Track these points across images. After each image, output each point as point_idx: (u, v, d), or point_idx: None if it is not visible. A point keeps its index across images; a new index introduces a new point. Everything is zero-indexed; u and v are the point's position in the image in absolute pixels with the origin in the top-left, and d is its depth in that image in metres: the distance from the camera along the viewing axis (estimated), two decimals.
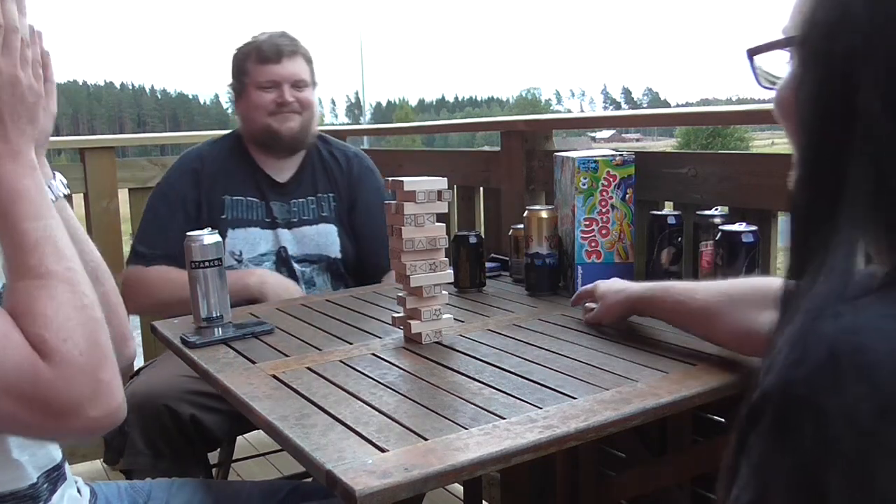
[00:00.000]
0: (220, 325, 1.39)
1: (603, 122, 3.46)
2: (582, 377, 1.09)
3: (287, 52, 1.88)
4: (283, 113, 1.88)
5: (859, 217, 0.44)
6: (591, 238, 1.56)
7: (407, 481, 0.80)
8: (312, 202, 1.96)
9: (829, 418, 0.38)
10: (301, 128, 1.91)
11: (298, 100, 1.90)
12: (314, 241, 1.93)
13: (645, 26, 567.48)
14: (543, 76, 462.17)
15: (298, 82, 1.90)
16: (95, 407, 0.78)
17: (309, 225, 1.94)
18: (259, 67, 1.88)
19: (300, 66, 1.91)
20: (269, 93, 1.88)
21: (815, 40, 0.46)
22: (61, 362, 0.76)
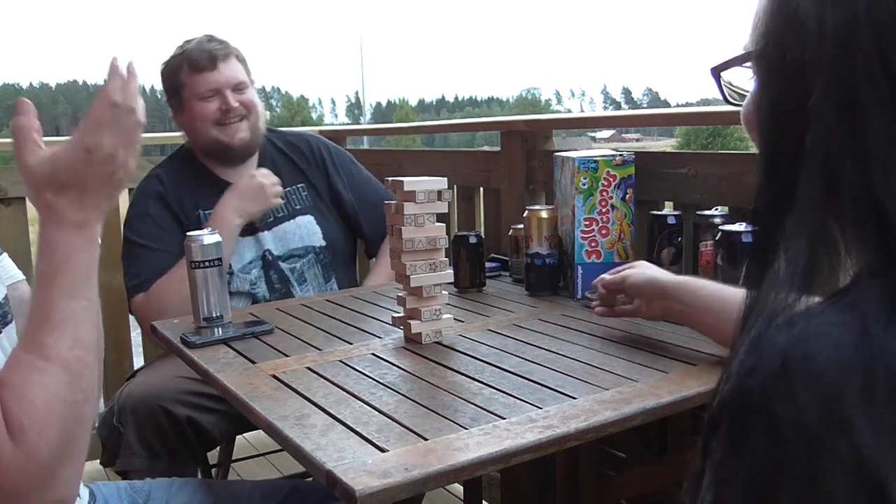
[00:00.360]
0: (220, 325, 1.39)
1: (603, 122, 3.46)
2: (582, 377, 1.09)
3: (221, 56, 1.81)
4: (230, 123, 1.82)
5: (812, 223, 0.45)
6: (591, 238, 1.56)
7: (407, 481, 0.80)
8: (283, 197, 1.91)
9: (780, 425, 0.39)
10: (251, 133, 1.86)
11: (242, 103, 1.83)
12: (296, 234, 1.90)
13: (645, 26, 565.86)
14: (543, 76, 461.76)
15: (238, 85, 1.83)
16: (43, 497, 0.78)
17: (285, 221, 1.91)
18: (195, 77, 1.80)
19: (236, 67, 1.84)
20: (211, 102, 1.80)
21: (770, 52, 0.48)
22: (26, 452, 0.76)
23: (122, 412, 1.57)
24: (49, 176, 0.82)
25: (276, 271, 1.88)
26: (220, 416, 1.61)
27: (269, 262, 1.88)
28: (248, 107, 1.84)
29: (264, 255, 1.88)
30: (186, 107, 1.83)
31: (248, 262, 1.86)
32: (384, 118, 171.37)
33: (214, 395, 1.58)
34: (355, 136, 3.17)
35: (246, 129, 1.84)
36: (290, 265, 1.89)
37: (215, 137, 1.82)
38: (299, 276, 1.90)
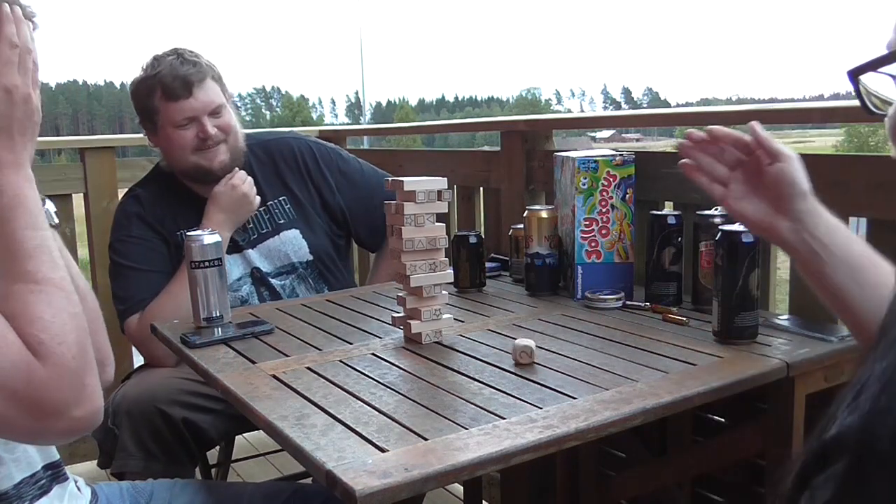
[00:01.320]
0: (220, 325, 1.39)
1: (603, 122, 3.46)
2: (582, 377, 1.09)
3: (196, 82, 1.72)
4: (208, 149, 1.76)
5: None
6: (591, 238, 1.56)
7: (407, 481, 0.80)
8: (265, 213, 1.87)
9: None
10: (231, 154, 1.80)
11: (220, 128, 1.76)
12: (281, 251, 1.86)
13: (645, 26, 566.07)
14: (543, 76, 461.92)
15: (215, 110, 1.75)
16: (80, 408, 0.81)
17: (270, 237, 1.86)
18: (171, 105, 1.72)
19: (212, 91, 1.76)
20: (188, 130, 1.74)
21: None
22: (55, 364, 0.79)
23: (116, 414, 1.55)
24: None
25: (266, 287, 1.85)
26: (217, 416, 1.61)
27: (259, 278, 1.85)
28: (225, 130, 1.78)
29: (253, 273, 1.84)
30: (162, 133, 1.77)
31: (237, 278, 1.83)
32: (384, 118, 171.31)
33: (211, 396, 1.57)
34: (355, 136, 3.17)
35: (225, 152, 1.78)
36: (279, 282, 1.86)
37: (195, 163, 1.77)
38: (290, 292, 1.87)
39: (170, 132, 1.75)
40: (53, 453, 0.99)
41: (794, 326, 1.31)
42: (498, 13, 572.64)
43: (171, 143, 1.77)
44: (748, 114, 2.06)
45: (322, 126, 8.21)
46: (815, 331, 1.27)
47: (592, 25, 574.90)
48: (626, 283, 1.56)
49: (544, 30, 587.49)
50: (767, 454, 1.27)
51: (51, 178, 2.45)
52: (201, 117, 1.74)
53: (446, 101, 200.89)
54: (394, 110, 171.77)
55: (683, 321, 1.36)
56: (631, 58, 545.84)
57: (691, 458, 1.61)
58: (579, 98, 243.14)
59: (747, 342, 1.23)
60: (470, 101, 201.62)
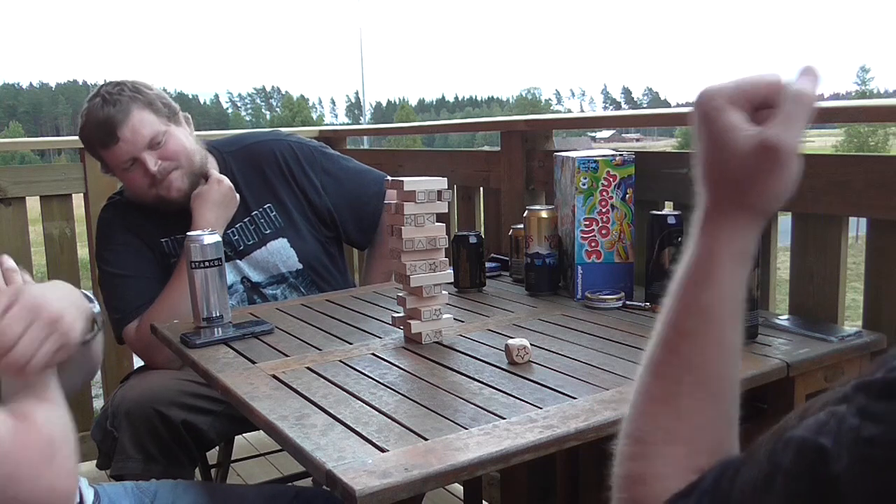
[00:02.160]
0: (220, 325, 1.39)
1: (603, 122, 3.45)
2: (582, 377, 1.09)
3: (119, 122, 1.63)
4: (161, 181, 1.69)
5: None
6: (591, 238, 1.56)
7: (407, 481, 0.80)
8: (251, 223, 1.82)
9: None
10: (189, 178, 1.72)
11: (165, 157, 1.68)
12: (269, 262, 1.82)
13: (645, 26, 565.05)
14: (543, 76, 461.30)
15: (152, 142, 1.66)
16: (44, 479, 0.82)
17: (256, 249, 1.82)
18: (108, 153, 1.67)
19: (143, 122, 1.65)
20: (133, 171, 1.68)
21: None
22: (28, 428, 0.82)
23: (115, 416, 1.55)
24: None
25: (259, 296, 1.83)
26: (216, 417, 1.60)
27: (252, 286, 1.83)
28: (173, 157, 1.69)
29: (244, 281, 1.82)
30: (117, 175, 1.74)
31: (229, 285, 1.77)
32: (384, 118, 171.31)
33: (210, 397, 1.57)
34: (355, 136, 3.17)
35: (180, 178, 1.71)
36: (271, 291, 1.84)
37: (155, 195, 1.71)
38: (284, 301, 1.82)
39: (120, 175, 1.72)
40: None
41: (794, 326, 1.31)
42: (498, 13, 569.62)
43: (128, 185, 1.75)
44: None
45: (322, 126, 8.20)
46: (815, 331, 1.27)
47: (592, 25, 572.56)
48: (626, 283, 1.57)
49: (544, 30, 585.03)
50: None
51: (51, 178, 2.45)
52: (139, 154, 1.65)
53: (446, 101, 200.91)
54: (394, 110, 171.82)
55: None
56: (631, 58, 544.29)
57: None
58: (579, 98, 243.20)
59: (748, 342, 1.23)
60: (470, 101, 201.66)
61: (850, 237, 1.43)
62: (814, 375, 1.19)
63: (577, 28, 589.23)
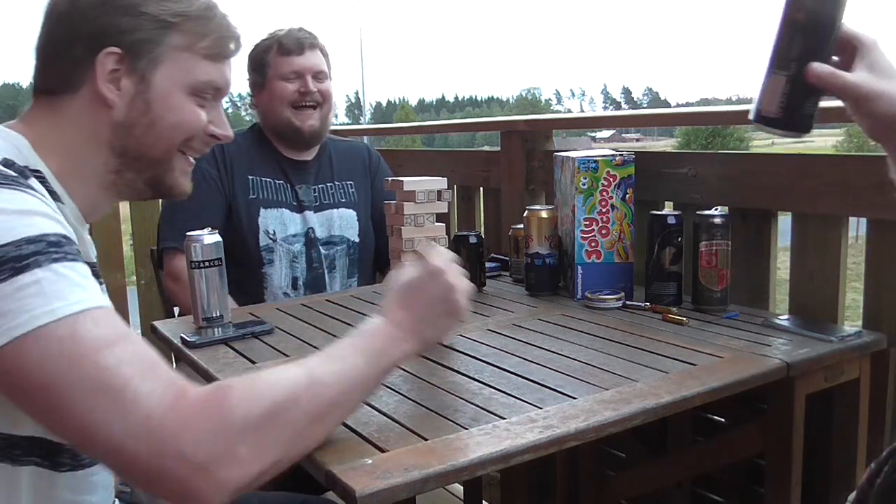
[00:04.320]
0: (220, 324, 1.39)
1: (603, 122, 3.46)
2: (582, 377, 1.09)
3: (308, 45, 1.93)
4: (304, 107, 1.92)
5: None
6: (591, 238, 1.56)
7: (407, 481, 0.80)
8: (332, 188, 2.01)
9: None
10: (321, 123, 1.96)
11: (320, 91, 1.94)
12: (337, 223, 1.99)
13: (645, 26, 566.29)
14: (543, 76, 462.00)
15: (319, 74, 1.94)
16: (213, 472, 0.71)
17: (332, 208, 2.00)
18: (282, 59, 1.92)
19: (320, 58, 1.96)
20: (292, 83, 1.92)
21: None
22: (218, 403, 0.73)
23: None
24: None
25: (316, 251, 1.96)
26: None
27: (311, 239, 1.95)
28: (324, 96, 1.95)
29: (308, 233, 1.95)
30: (267, 86, 1.94)
31: (293, 234, 1.94)
32: (384, 118, 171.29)
33: None
34: (355, 136, 3.17)
35: (317, 118, 1.94)
36: (326, 250, 1.97)
37: (288, 118, 1.92)
38: (330, 263, 1.97)
39: (275, 84, 1.93)
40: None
41: (794, 326, 1.31)
42: (498, 13, 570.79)
43: (273, 95, 1.93)
44: (748, 114, 2.06)
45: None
46: (815, 331, 1.27)
47: (592, 25, 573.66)
48: (626, 283, 1.57)
49: (544, 30, 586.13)
50: (767, 454, 1.27)
51: None
52: (306, 75, 1.92)
53: (446, 101, 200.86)
54: (394, 110, 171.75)
55: (683, 321, 1.36)
56: (631, 58, 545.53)
57: (691, 458, 1.61)
58: (579, 98, 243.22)
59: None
60: (470, 101, 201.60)
61: (850, 237, 1.43)
62: (814, 375, 1.19)
63: (577, 28, 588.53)
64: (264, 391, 0.76)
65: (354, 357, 0.84)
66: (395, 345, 0.88)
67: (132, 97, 0.92)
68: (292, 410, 0.76)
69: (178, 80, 0.94)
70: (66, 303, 0.71)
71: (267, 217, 1.91)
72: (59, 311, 0.71)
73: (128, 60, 0.91)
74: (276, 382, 0.78)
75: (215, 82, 0.97)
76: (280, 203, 1.94)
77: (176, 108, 0.95)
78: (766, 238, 1.52)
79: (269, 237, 1.91)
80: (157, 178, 0.98)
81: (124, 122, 0.93)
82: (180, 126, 0.95)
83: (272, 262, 1.90)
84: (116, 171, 0.95)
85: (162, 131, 0.94)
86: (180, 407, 0.71)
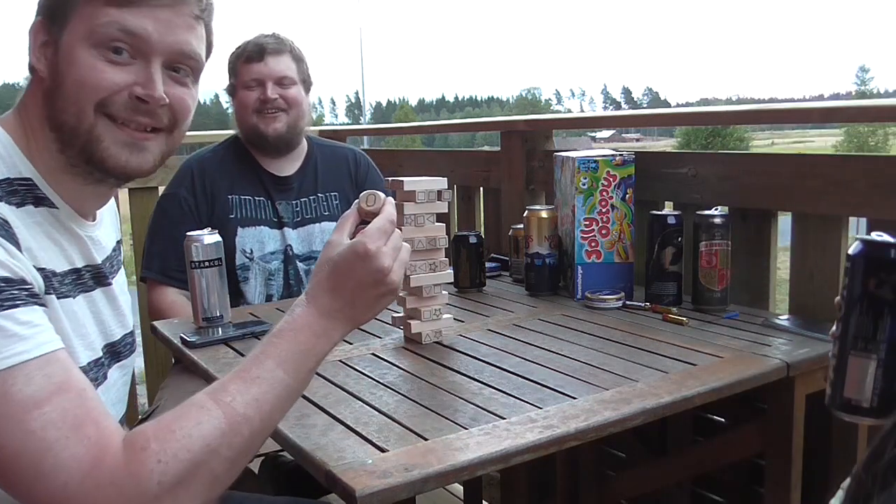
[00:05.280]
0: (220, 324, 1.39)
1: (603, 122, 3.46)
2: (582, 377, 1.09)
3: (270, 51, 1.91)
4: (267, 113, 1.90)
5: None
6: (591, 238, 1.56)
7: (407, 481, 0.80)
8: (314, 201, 1.99)
9: None
10: (288, 127, 1.93)
11: (283, 97, 1.91)
12: (318, 238, 1.96)
13: (645, 26, 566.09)
14: (543, 76, 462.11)
15: (283, 79, 1.92)
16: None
17: (313, 223, 1.97)
18: (244, 66, 1.92)
19: (285, 63, 1.93)
20: (253, 91, 1.91)
21: None
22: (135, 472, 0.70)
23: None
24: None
25: (293, 268, 1.94)
26: None
27: (290, 257, 1.94)
28: (288, 101, 1.92)
29: (286, 250, 1.93)
30: (236, 93, 1.96)
31: (271, 251, 1.93)
32: (384, 118, 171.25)
33: None
34: (355, 135, 3.17)
35: (283, 122, 1.92)
36: (306, 266, 1.95)
37: (254, 125, 1.92)
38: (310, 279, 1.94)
39: (239, 91, 1.94)
40: None
41: (794, 326, 1.31)
42: (498, 13, 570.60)
43: (239, 103, 1.95)
44: (748, 114, 2.06)
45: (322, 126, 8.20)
46: (815, 331, 1.27)
47: (592, 25, 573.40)
48: (626, 283, 1.57)
49: (544, 30, 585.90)
50: (767, 454, 1.27)
51: None
52: (266, 82, 1.90)
53: (446, 101, 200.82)
54: (394, 110, 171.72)
55: (683, 321, 1.36)
56: (631, 58, 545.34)
57: (691, 458, 1.61)
58: (579, 98, 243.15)
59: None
60: (470, 101, 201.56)
61: (850, 237, 1.43)
62: (814, 375, 1.19)
63: (577, 28, 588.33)
64: (179, 451, 0.72)
65: (275, 371, 0.79)
66: (324, 337, 0.83)
67: (51, 64, 0.87)
68: (211, 461, 0.74)
69: (79, 33, 0.86)
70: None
71: (245, 236, 1.90)
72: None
73: (47, 27, 0.87)
74: (191, 435, 0.73)
75: (122, 25, 0.85)
76: (259, 221, 1.93)
77: (76, 63, 0.85)
78: (766, 238, 1.52)
79: (245, 256, 1.90)
80: (87, 152, 0.88)
81: (47, 92, 0.87)
82: (82, 84, 0.85)
83: (247, 280, 1.90)
84: (61, 151, 0.89)
85: (67, 93, 0.86)
86: (97, 476, 0.69)
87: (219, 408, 0.75)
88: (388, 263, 0.85)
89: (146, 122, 0.90)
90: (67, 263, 0.91)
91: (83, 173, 0.90)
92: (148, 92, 0.87)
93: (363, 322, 0.89)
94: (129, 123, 0.89)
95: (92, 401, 0.74)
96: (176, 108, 0.92)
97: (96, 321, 0.97)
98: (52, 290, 0.85)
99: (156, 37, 0.87)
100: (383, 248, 0.86)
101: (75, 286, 0.92)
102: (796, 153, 1.79)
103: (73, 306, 0.90)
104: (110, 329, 1.00)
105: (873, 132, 37.52)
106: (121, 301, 1.04)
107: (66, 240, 0.91)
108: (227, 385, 0.78)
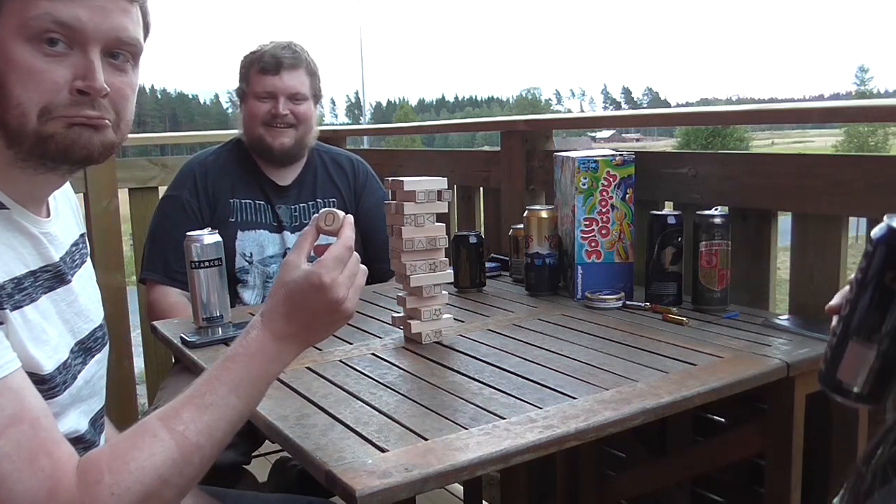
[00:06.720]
0: (220, 324, 1.39)
1: (603, 122, 3.45)
2: (582, 377, 1.09)
3: (287, 65, 1.91)
4: (276, 127, 1.91)
5: None
6: (591, 238, 1.56)
7: (407, 481, 0.80)
8: (314, 207, 1.99)
9: None
10: (295, 142, 1.94)
11: (294, 113, 1.92)
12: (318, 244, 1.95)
13: (645, 26, 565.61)
14: (543, 76, 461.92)
15: (296, 95, 1.92)
16: None
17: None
18: (258, 78, 1.91)
19: (299, 79, 1.93)
20: (265, 103, 1.91)
21: None
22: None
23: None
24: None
25: None
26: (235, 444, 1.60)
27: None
28: (299, 118, 1.93)
29: (285, 254, 1.93)
30: (245, 101, 1.95)
31: (270, 255, 1.93)
32: (384, 118, 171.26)
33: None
34: (355, 135, 3.17)
35: (291, 137, 1.93)
36: None
37: (261, 136, 1.92)
38: None
39: (250, 101, 1.94)
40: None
41: (794, 326, 1.31)
42: (498, 13, 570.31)
43: (247, 111, 1.95)
44: (748, 114, 2.06)
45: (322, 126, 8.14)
46: (815, 331, 1.27)
47: (592, 25, 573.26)
48: (626, 283, 1.57)
49: (544, 30, 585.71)
50: (767, 454, 1.27)
51: None
52: (279, 97, 1.91)
53: (446, 101, 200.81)
54: (394, 110, 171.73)
55: (683, 321, 1.36)
56: (631, 58, 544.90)
57: (691, 458, 1.61)
58: (579, 98, 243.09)
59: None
60: (470, 101, 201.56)
61: (850, 237, 1.43)
62: (814, 375, 1.18)
63: (577, 28, 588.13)
64: (133, 484, 0.73)
65: (227, 397, 0.81)
66: (276, 361, 0.85)
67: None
68: (163, 491, 0.75)
69: (12, 28, 0.81)
70: None
71: (245, 240, 1.91)
72: None
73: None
74: (144, 468, 0.74)
75: (55, 17, 0.81)
76: (259, 224, 1.94)
77: (12, 62, 0.81)
78: (766, 238, 1.52)
79: (245, 259, 1.91)
80: (38, 150, 0.85)
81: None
82: (23, 87, 0.81)
83: (246, 283, 1.91)
84: (8, 147, 0.85)
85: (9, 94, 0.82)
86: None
87: (172, 437, 0.77)
88: (342, 294, 0.86)
89: (93, 114, 0.87)
90: (23, 266, 0.87)
91: (34, 165, 0.87)
92: (88, 83, 0.84)
93: (316, 343, 0.92)
94: (76, 119, 0.85)
95: (45, 430, 0.74)
96: (116, 100, 0.89)
97: (62, 320, 0.94)
98: (6, 303, 0.82)
99: (91, 25, 0.83)
100: (339, 279, 0.86)
101: (34, 288, 0.88)
102: (796, 153, 1.79)
103: (31, 314, 0.86)
104: (77, 326, 0.97)
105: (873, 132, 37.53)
106: (85, 297, 1.01)
107: (20, 241, 0.88)
108: (180, 412, 0.79)
